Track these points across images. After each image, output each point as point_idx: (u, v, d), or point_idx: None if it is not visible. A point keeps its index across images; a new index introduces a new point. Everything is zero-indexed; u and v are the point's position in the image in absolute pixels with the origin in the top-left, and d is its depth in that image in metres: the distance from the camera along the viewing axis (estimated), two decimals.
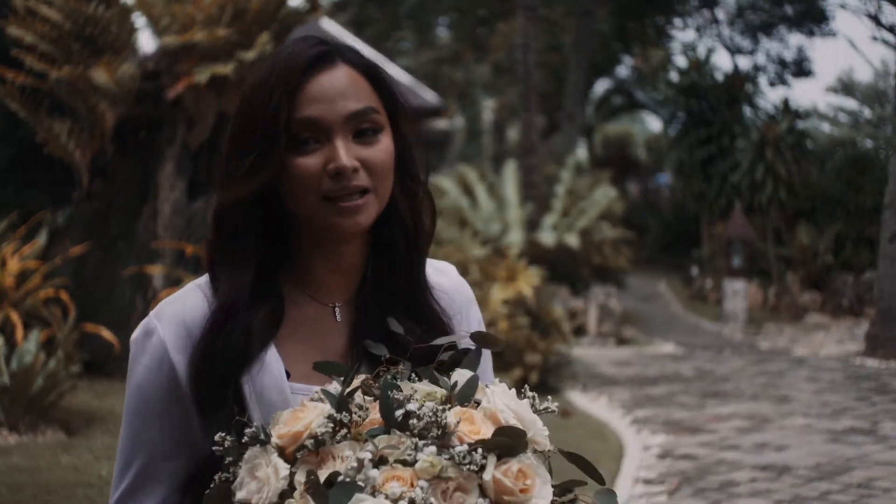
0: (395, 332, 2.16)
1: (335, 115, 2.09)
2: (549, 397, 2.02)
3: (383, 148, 2.12)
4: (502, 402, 1.95)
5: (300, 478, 1.86)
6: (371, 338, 2.15)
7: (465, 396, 1.94)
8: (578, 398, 12.79)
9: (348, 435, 1.89)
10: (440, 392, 1.94)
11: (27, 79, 12.70)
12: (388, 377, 1.96)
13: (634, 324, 19.48)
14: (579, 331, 17.56)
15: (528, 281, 13.32)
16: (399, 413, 1.88)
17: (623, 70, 38.19)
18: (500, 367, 12.61)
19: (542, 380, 12.93)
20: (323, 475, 1.83)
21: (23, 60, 12.53)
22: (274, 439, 1.91)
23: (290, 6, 13.23)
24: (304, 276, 2.21)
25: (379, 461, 1.83)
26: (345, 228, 2.09)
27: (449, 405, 1.92)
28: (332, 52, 2.14)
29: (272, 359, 2.13)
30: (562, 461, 1.98)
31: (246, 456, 1.92)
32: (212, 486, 1.97)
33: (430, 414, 1.86)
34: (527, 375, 12.68)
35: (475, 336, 2.14)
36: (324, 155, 2.08)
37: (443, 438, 1.85)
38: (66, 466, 8.70)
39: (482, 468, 1.82)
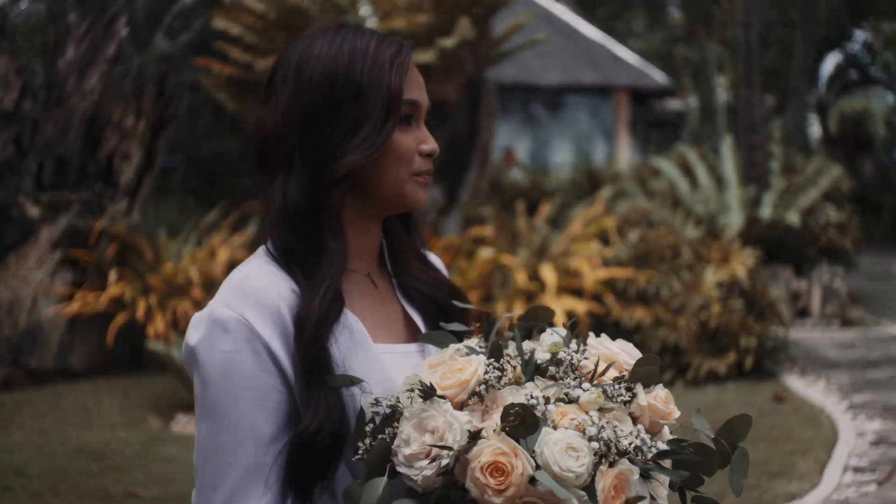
0: (428, 294, 2.41)
1: (425, 102, 2.31)
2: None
3: None
4: (614, 345, 2.15)
5: (474, 423, 1.98)
6: (410, 297, 2.41)
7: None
8: (795, 382, 12.40)
9: (508, 381, 2.03)
10: (562, 343, 2.12)
11: (234, 70, 12.90)
12: (498, 337, 2.14)
13: (863, 305, 18.86)
14: (803, 313, 17.09)
15: (743, 262, 12.98)
16: (540, 361, 2.08)
17: (855, 44, 37.13)
18: (714, 352, 12.32)
19: (758, 364, 12.57)
20: (493, 421, 1.97)
21: (227, 52, 12.73)
22: (439, 392, 2.02)
23: None
24: None
25: (545, 401, 2.00)
26: (422, 201, 2.31)
27: (579, 350, 2.11)
28: (412, 47, 2.31)
29: (353, 321, 2.22)
30: None
31: (406, 413, 1.99)
32: (360, 453, 2.02)
33: (569, 359, 2.07)
34: (741, 359, 12.35)
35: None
36: (415, 136, 2.28)
37: (592, 378, 2.06)
38: None
39: (630, 400, 2.03)
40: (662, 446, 2.01)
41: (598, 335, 2.19)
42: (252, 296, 2.15)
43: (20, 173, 12.19)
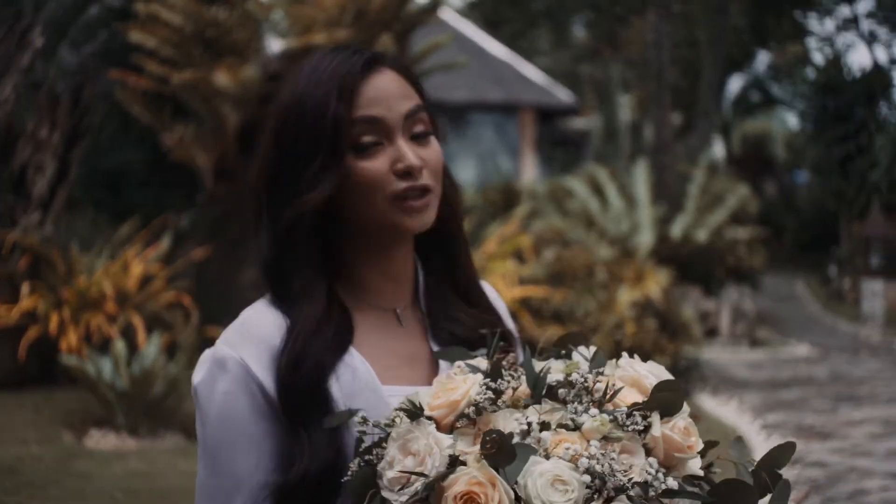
0: (463, 338, 2.18)
1: (394, 114, 2.11)
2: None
3: (436, 149, 2.17)
4: (643, 368, 1.96)
5: (462, 447, 1.84)
6: (441, 338, 2.20)
7: (599, 367, 1.95)
8: (708, 402, 12.53)
9: (504, 404, 1.89)
10: (583, 364, 1.95)
11: (149, 84, 12.77)
12: (507, 362, 1.97)
13: (769, 325, 19.12)
14: (712, 332, 17.27)
15: (656, 282, 13.08)
16: (550, 382, 1.89)
17: (760, 66, 37.63)
18: None
19: None
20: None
21: (143, 65, 12.61)
22: (427, 412, 1.90)
23: (412, 6, 13.12)
24: (358, 285, 2.20)
25: (541, 427, 1.83)
26: (413, 227, 2.12)
27: (592, 372, 1.92)
28: (377, 57, 2.16)
29: (358, 362, 2.11)
30: None
31: (393, 434, 1.88)
32: (349, 474, 1.91)
33: (582, 380, 1.87)
34: None
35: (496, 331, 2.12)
36: (388, 156, 2.10)
37: (601, 403, 1.86)
38: (182, 472, 8.70)
39: (645, 429, 1.83)
40: (672, 483, 1.79)
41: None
42: (251, 334, 2.11)
43: None
